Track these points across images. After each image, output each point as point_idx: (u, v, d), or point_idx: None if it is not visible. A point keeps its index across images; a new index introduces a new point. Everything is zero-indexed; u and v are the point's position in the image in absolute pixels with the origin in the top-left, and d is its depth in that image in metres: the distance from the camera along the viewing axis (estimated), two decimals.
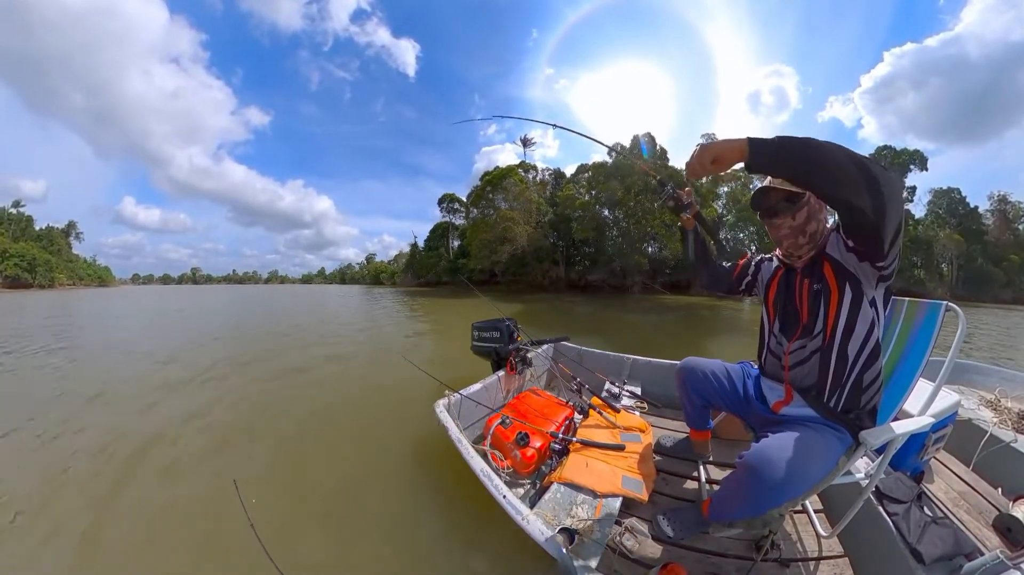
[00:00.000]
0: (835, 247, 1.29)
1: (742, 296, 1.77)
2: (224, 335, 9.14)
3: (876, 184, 0.96)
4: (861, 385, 1.31)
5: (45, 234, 75.93)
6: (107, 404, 4.00)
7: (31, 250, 65.30)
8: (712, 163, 1.07)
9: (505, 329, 3.07)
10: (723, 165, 1.06)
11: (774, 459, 1.17)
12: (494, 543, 1.85)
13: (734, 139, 1.03)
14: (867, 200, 0.99)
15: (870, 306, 1.25)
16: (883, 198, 0.98)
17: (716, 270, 1.80)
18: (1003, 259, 44.99)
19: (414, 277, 59.47)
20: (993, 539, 1.60)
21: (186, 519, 2.14)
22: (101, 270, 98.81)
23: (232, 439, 3.17)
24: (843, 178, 0.97)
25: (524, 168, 44.93)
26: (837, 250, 1.28)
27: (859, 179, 0.96)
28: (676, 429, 2.47)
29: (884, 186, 0.97)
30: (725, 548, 1.56)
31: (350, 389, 4.58)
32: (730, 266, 1.77)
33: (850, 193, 0.99)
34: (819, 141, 0.97)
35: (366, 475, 2.58)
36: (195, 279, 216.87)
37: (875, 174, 0.96)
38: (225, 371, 5.39)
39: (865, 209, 1.01)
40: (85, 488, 2.44)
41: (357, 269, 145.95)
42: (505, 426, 2.18)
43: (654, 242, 36.85)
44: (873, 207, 1.00)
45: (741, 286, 1.73)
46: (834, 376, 1.32)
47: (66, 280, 73.05)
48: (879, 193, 0.97)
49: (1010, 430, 2.11)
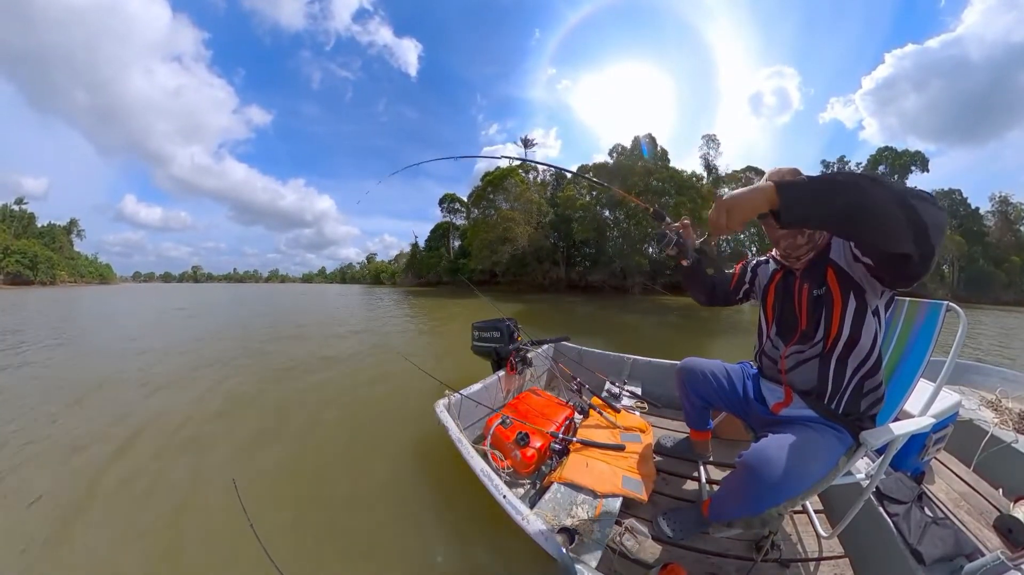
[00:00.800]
0: (840, 254, 1.25)
1: (740, 303, 1.73)
2: (224, 335, 9.13)
3: (925, 232, 0.84)
4: (862, 390, 1.30)
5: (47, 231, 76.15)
6: (106, 403, 3.99)
7: (33, 247, 65.50)
8: (738, 222, 0.96)
9: (505, 329, 3.07)
10: (748, 219, 0.95)
11: (774, 458, 1.17)
12: (494, 543, 1.85)
13: (759, 187, 0.93)
14: (913, 248, 0.88)
15: (873, 316, 1.23)
16: (932, 247, 0.86)
17: (713, 287, 1.72)
18: (1004, 260, 45.16)
19: (415, 277, 59.50)
20: (994, 540, 1.60)
21: (185, 518, 2.14)
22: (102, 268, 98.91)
23: (232, 438, 3.16)
24: (890, 229, 0.85)
25: (525, 168, 44.95)
26: (843, 258, 1.24)
27: (907, 228, 0.84)
28: (676, 429, 2.47)
29: (933, 234, 0.84)
30: (725, 548, 1.55)
31: (350, 388, 4.57)
32: (727, 276, 1.71)
33: (896, 244, 0.88)
34: (858, 180, 0.85)
35: (366, 475, 2.58)
36: (196, 277, 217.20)
37: (925, 221, 0.83)
38: (225, 370, 5.39)
39: (911, 256, 0.90)
40: (84, 488, 2.43)
41: (358, 269, 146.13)
42: (505, 426, 2.18)
43: (654, 243, 36.78)
44: (920, 256, 0.89)
45: (739, 295, 1.68)
46: (834, 382, 1.31)
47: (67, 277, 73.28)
48: (927, 241, 0.86)
49: (1011, 430, 2.11)
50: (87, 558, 1.87)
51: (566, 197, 39.18)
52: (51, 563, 1.85)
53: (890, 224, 0.85)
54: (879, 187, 0.84)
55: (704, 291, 1.72)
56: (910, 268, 0.95)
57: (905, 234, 0.85)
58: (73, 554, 1.90)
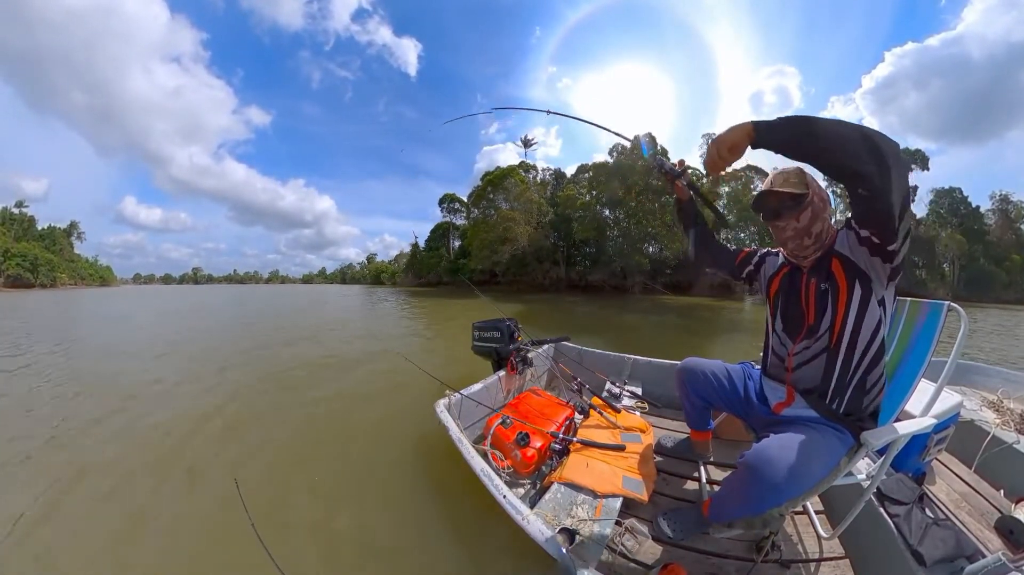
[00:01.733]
0: (844, 243, 1.27)
1: (742, 283, 1.71)
2: (224, 335, 9.14)
3: (878, 149, 0.99)
4: (865, 387, 1.30)
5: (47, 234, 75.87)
6: (108, 402, 4.00)
7: (33, 250, 65.35)
8: (728, 151, 1.11)
9: (506, 329, 3.07)
10: (737, 151, 1.11)
11: (775, 459, 1.16)
12: (494, 543, 1.85)
13: (739, 124, 1.10)
14: (872, 167, 1.00)
15: (878, 305, 1.24)
16: (886, 161, 0.99)
17: (717, 249, 1.75)
18: (1005, 259, 44.83)
19: (415, 277, 59.52)
20: (995, 541, 1.59)
21: (186, 518, 2.14)
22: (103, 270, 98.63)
23: (233, 438, 3.16)
24: (845, 146, 1.00)
25: (525, 168, 44.95)
26: (847, 246, 1.26)
27: (860, 145, 0.99)
28: (677, 429, 2.47)
29: (885, 150, 0.99)
30: (725, 549, 1.55)
31: (351, 389, 4.57)
32: (734, 250, 1.72)
33: (853, 160, 1.01)
34: (818, 117, 1.03)
35: (366, 474, 2.58)
36: (196, 279, 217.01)
37: (876, 139, 0.99)
38: (226, 370, 5.40)
39: (871, 176, 1.01)
40: (83, 488, 2.44)
41: (358, 269, 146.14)
42: (505, 426, 2.18)
43: (655, 242, 36.85)
44: (879, 172, 1.00)
45: (742, 274, 1.68)
46: (838, 379, 1.31)
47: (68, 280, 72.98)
48: (882, 157, 0.99)
49: (1012, 431, 2.10)
50: (86, 559, 1.87)
51: (566, 197, 39.20)
52: (51, 563, 1.84)
53: (843, 141, 1.01)
54: (834, 119, 1.03)
55: (705, 245, 1.75)
56: (873, 187, 1.04)
57: (860, 149, 1.00)
58: (72, 556, 1.89)
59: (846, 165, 1.03)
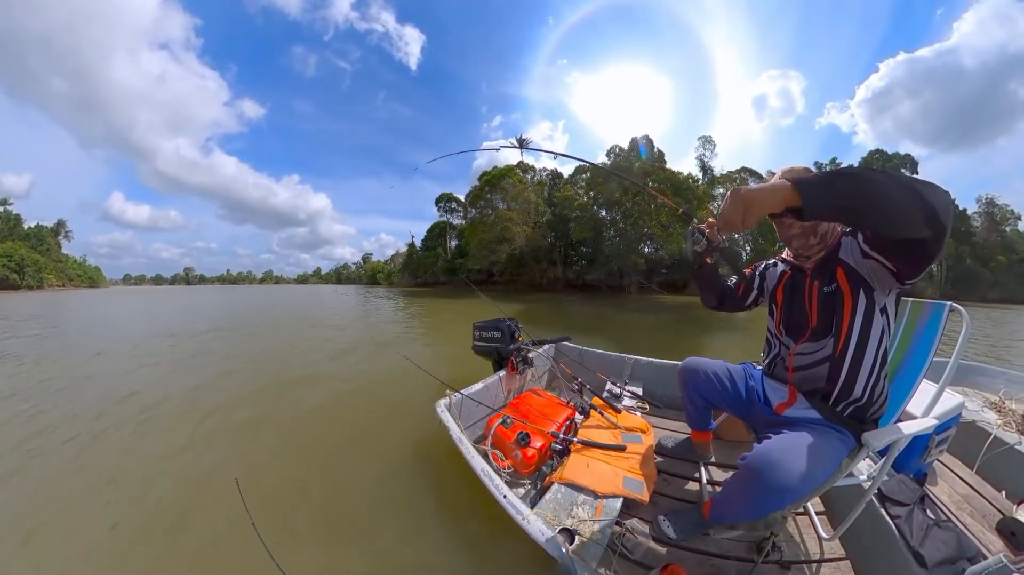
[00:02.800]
0: (849, 253, 1.27)
1: (749, 309, 1.71)
2: (223, 335, 9.10)
3: (935, 213, 0.88)
4: (868, 390, 1.30)
5: (34, 233, 73.70)
6: (110, 401, 3.97)
7: (19, 250, 63.50)
8: (753, 216, 0.98)
9: (506, 329, 3.06)
10: (764, 215, 0.99)
11: (777, 461, 1.16)
12: (494, 543, 1.84)
13: (776, 185, 0.95)
14: (927, 232, 0.91)
15: (881, 314, 1.24)
16: (943, 226, 0.89)
17: (724, 292, 1.70)
18: (991, 260, 46.28)
19: (411, 277, 59.40)
20: (997, 543, 1.59)
21: (187, 517, 2.12)
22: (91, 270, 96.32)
23: (233, 439, 3.14)
24: (904, 216, 0.89)
25: (523, 168, 44.94)
26: (851, 256, 1.26)
27: (918, 211, 0.88)
28: (677, 430, 2.47)
29: (942, 213, 0.88)
30: (726, 550, 1.55)
31: (351, 389, 4.55)
32: (735, 283, 1.69)
33: (909, 229, 0.91)
34: (869, 174, 0.89)
35: (367, 474, 2.57)
36: (188, 280, 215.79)
37: (933, 202, 0.87)
38: (226, 371, 5.37)
39: (926, 242, 0.93)
40: (82, 488, 2.41)
41: (353, 269, 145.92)
42: (506, 426, 2.17)
43: (651, 242, 36.98)
44: (933, 238, 0.92)
45: (747, 301, 1.67)
46: (843, 385, 1.30)
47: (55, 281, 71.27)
48: (939, 221, 0.89)
49: (1014, 432, 2.10)
50: (84, 560, 1.85)
51: (563, 197, 39.23)
52: (50, 564, 1.83)
53: (902, 209, 0.88)
54: (886, 176, 0.89)
55: (717, 294, 1.70)
56: (925, 250, 0.96)
57: (916, 217, 0.88)
58: (72, 556, 1.87)
59: (900, 234, 0.93)
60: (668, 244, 34.00)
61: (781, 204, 0.94)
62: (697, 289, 1.73)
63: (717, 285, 1.68)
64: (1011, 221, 49.34)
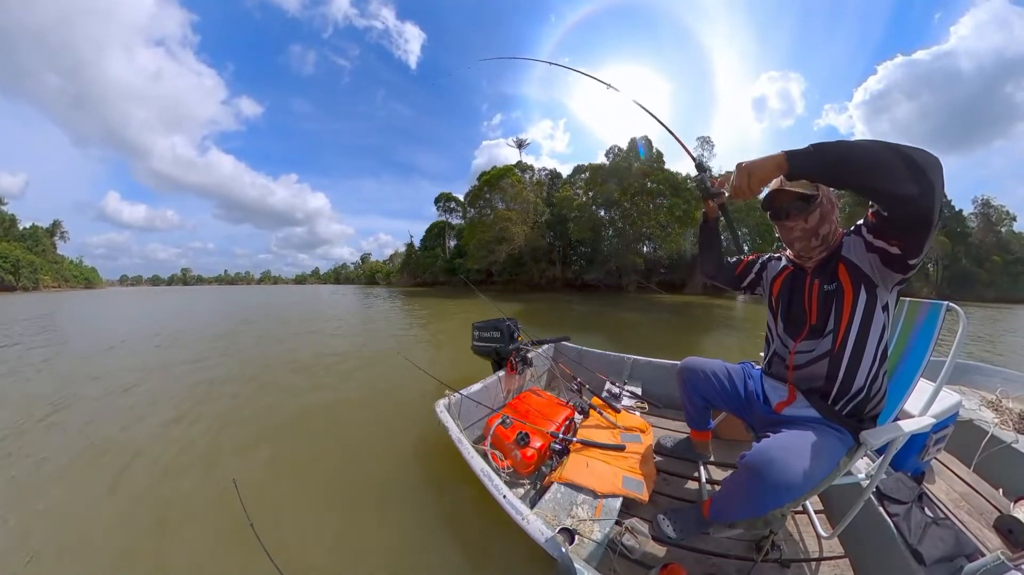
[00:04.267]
0: (852, 250, 1.27)
1: (743, 292, 1.74)
2: (222, 335, 9.09)
3: (917, 166, 0.94)
4: (868, 391, 1.30)
5: (29, 233, 73.05)
6: (110, 401, 3.96)
7: (15, 251, 63.11)
8: (758, 182, 1.14)
9: (506, 329, 3.06)
10: (767, 181, 1.15)
11: (776, 459, 1.16)
12: (494, 543, 1.84)
13: (772, 155, 1.10)
14: (913, 187, 0.95)
15: (883, 311, 1.25)
16: (928, 177, 0.94)
17: (722, 261, 1.77)
18: (986, 260, 47.10)
19: (410, 277, 59.30)
20: (994, 540, 1.60)
21: (185, 519, 2.12)
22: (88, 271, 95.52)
23: (232, 439, 3.14)
24: (883, 169, 0.96)
25: (521, 168, 44.95)
26: (854, 252, 1.26)
27: (899, 166, 0.94)
28: (677, 429, 2.47)
29: (926, 166, 0.94)
30: (726, 549, 1.55)
31: (350, 389, 4.55)
32: (734, 261, 1.75)
33: (893, 183, 0.97)
34: (853, 140, 1.00)
35: (366, 475, 2.56)
36: (185, 280, 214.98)
37: (914, 157, 0.94)
38: (226, 371, 5.36)
39: (914, 197, 0.96)
40: (82, 489, 2.41)
41: (352, 269, 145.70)
42: (505, 426, 2.17)
43: (649, 242, 37.07)
44: (921, 192, 0.95)
45: (743, 283, 1.70)
46: (842, 383, 1.31)
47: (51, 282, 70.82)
48: (922, 174, 0.94)
49: (1011, 431, 2.11)
50: (82, 560, 1.85)
51: (562, 197, 39.21)
52: (50, 564, 1.82)
53: (885, 165, 0.96)
54: (870, 140, 0.99)
55: (715, 259, 1.77)
56: (918, 211, 0.99)
57: (901, 171, 0.95)
58: (69, 557, 1.87)
59: (885, 188, 0.99)
60: (666, 244, 34.08)
61: (775, 169, 1.10)
62: (698, 250, 1.82)
63: (717, 246, 1.77)
64: (1006, 222, 50.31)
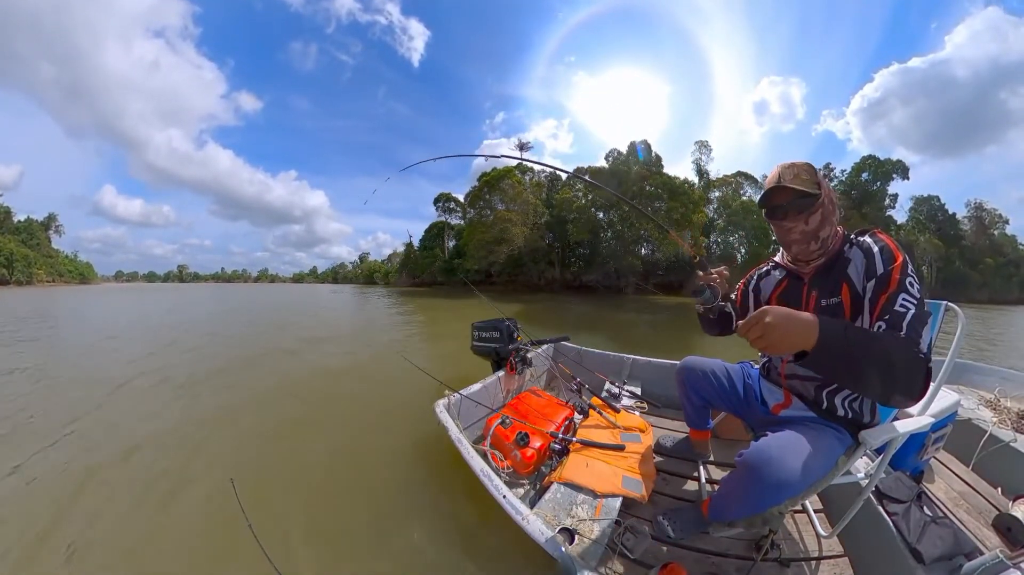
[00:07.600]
0: (857, 273, 1.21)
1: None
2: (222, 334, 9.07)
3: (917, 396, 0.99)
4: (862, 400, 1.31)
5: (24, 227, 71.83)
6: (111, 401, 3.95)
7: (9, 244, 62.07)
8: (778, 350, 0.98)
9: (505, 329, 3.06)
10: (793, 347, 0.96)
11: (774, 457, 1.16)
12: (494, 543, 1.84)
13: (807, 320, 0.95)
14: (903, 403, 1.04)
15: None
16: (917, 399, 1.00)
17: (726, 328, 1.66)
18: (979, 262, 47.85)
19: (409, 277, 59.16)
20: (993, 539, 1.60)
21: (183, 519, 2.11)
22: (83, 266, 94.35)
23: (230, 439, 3.13)
24: (889, 384, 0.98)
25: (521, 169, 45.00)
26: (859, 277, 1.21)
27: (903, 392, 0.99)
28: (676, 429, 2.47)
29: (920, 395, 0.99)
30: (725, 548, 1.55)
31: (349, 389, 4.54)
32: (730, 311, 1.62)
33: (887, 399, 1.03)
34: (878, 347, 0.97)
35: (365, 475, 2.56)
36: (182, 277, 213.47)
37: (916, 389, 0.98)
38: (225, 371, 5.35)
39: (898, 406, 1.09)
40: (81, 489, 2.40)
41: (350, 268, 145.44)
42: (505, 426, 2.17)
43: (647, 244, 37.22)
44: (906, 404, 1.05)
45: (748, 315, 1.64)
46: (836, 389, 1.32)
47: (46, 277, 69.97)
48: (916, 399, 1.00)
49: (1010, 430, 2.12)
50: (82, 561, 1.84)
51: (562, 199, 39.29)
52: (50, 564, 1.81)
53: (893, 381, 0.98)
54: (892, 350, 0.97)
55: (717, 328, 1.68)
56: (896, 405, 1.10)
57: (902, 397, 1.00)
58: (66, 558, 1.86)
59: (881, 397, 1.05)
60: (664, 246, 34.17)
61: (803, 341, 0.94)
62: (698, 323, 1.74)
63: (719, 324, 1.66)
64: (999, 225, 51.26)
